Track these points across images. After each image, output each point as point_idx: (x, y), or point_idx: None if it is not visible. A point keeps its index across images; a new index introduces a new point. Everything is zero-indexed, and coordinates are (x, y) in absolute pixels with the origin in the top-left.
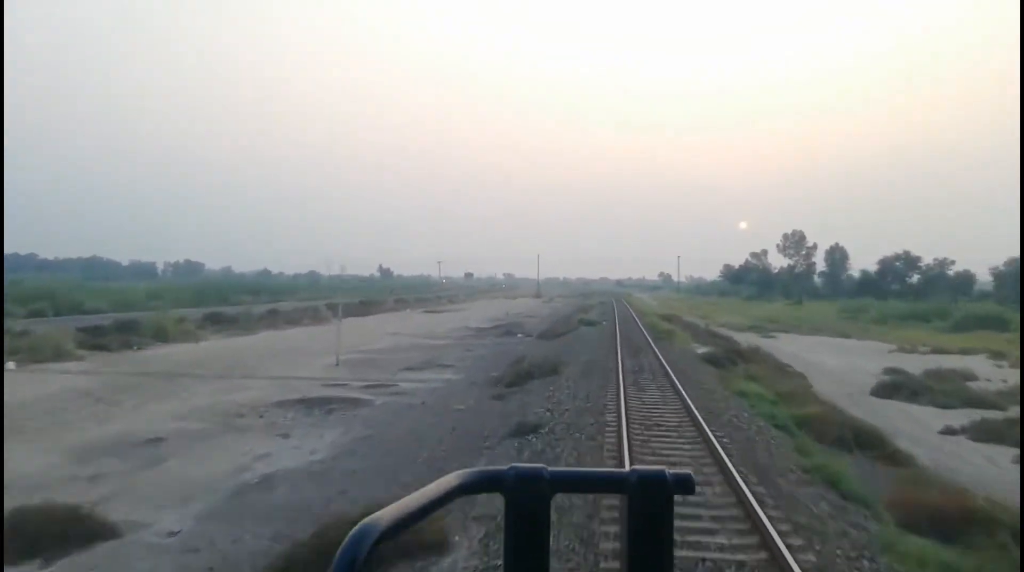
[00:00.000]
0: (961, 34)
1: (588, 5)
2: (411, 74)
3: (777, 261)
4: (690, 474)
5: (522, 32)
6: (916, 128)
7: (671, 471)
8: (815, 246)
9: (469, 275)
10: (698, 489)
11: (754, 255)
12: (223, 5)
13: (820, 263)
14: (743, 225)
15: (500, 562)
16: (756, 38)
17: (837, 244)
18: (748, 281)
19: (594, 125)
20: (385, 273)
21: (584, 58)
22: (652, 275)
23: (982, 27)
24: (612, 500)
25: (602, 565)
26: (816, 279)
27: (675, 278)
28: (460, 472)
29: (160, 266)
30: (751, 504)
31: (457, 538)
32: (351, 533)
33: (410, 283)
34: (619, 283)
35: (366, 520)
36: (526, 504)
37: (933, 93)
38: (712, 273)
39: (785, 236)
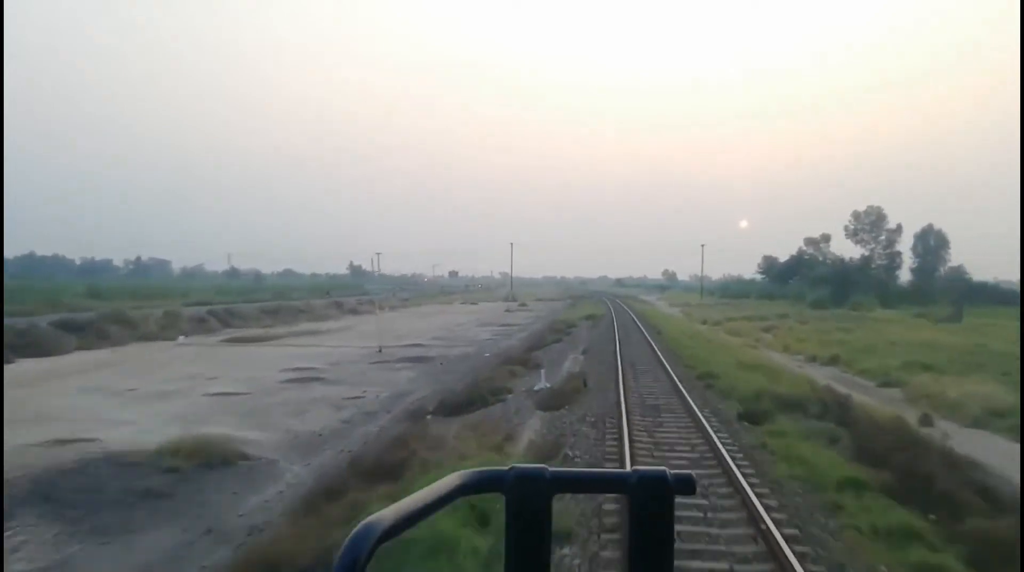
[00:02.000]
0: None
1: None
2: (402, 67)
3: (843, 249)
4: (691, 474)
5: (522, 28)
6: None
7: (672, 471)
8: (899, 228)
9: (454, 273)
10: None
11: (810, 242)
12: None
13: (905, 252)
14: (744, 223)
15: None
16: (754, 30)
17: (931, 226)
18: (812, 278)
19: (592, 119)
20: (356, 270)
21: (583, 52)
22: (654, 273)
23: None
24: None
25: None
26: (872, 270)
27: (681, 276)
28: (461, 472)
29: (121, 264)
30: None
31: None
32: (353, 532)
33: (385, 282)
34: (619, 282)
35: (367, 520)
36: (527, 504)
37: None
38: (716, 272)
39: (856, 215)
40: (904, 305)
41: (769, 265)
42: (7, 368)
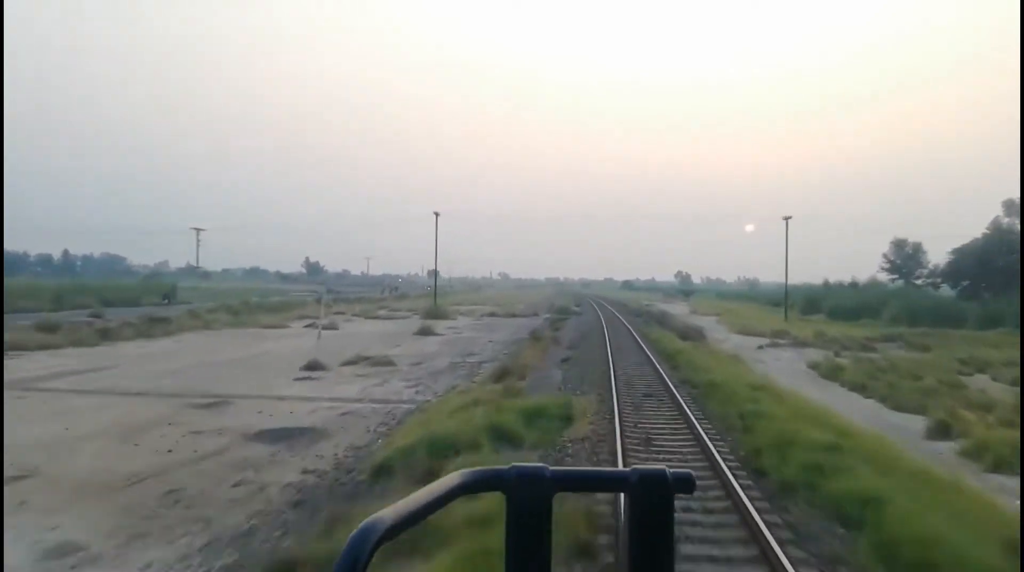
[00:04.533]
0: None
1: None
2: (402, 67)
3: None
4: (690, 473)
5: (522, 28)
6: None
7: (671, 470)
8: None
9: (433, 273)
10: None
11: (1013, 209)
12: None
13: None
14: (749, 227)
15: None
16: (755, 30)
17: None
18: None
19: (592, 119)
20: (313, 268)
21: (584, 52)
22: (664, 275)
23: None
24: None
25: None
26: None
27: (695, 278)
28: (462, 471)
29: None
30: None
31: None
32: (354, 533)
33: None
34: (627, 284)
35: (368, 520)
36: (528, 503)
37: None
38: (729, 274)
39: None
40: None
41: (908, 258)
42: None
